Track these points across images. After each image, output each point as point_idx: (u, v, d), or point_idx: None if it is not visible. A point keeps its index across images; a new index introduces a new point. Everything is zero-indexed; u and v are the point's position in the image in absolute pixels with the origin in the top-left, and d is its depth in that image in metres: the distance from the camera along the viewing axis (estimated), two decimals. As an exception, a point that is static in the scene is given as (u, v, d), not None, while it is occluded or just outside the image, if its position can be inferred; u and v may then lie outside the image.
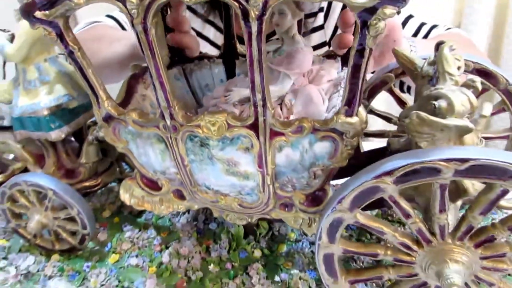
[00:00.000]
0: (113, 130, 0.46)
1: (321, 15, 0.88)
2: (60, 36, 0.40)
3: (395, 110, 0.60)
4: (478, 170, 0.34)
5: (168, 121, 0.42)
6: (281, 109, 0.46)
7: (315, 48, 0.85)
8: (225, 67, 0.60)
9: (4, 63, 0.59)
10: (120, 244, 0.62)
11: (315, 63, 0.55)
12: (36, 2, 0.37)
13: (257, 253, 0.59)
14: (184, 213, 0.66)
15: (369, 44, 0.33)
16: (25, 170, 0.64)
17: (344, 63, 0.55)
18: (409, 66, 0.50)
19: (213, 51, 0.64)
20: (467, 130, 0.39)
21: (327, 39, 0.89)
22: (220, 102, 0.51)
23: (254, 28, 0.34)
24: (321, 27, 0.89)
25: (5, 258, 0.60)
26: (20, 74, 0.55)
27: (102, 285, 0.55)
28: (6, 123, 0.62)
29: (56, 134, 0.55)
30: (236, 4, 0.33)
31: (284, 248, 0.60)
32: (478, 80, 0.46)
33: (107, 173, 0.64)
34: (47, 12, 0.38)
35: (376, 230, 0.40)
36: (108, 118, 0.45)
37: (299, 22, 0.83)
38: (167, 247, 0.60)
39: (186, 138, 0.43)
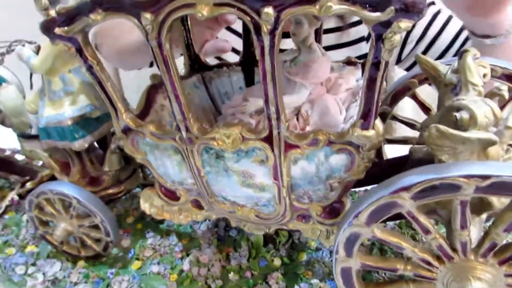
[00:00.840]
0: (131, 142, 0.46)
1: None
2: (80, 51, 0.41)
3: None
4: (501, 186, 0.32)
5: (184, 134, 0.42)
6: (297, 120, 0.46)
7: (354, 42, 0.86)
8: (244, 74, 0.60)
9: (31, 74, 0.61)
10: (142, 250, 0.63)
11: (335, 70, 0.54)
12: (56, 19, 0.38)
13: (277, 262, 0.58)
14: (205, 219, 0.67)
15: (385, 57, 0.32)
16: (53, 177, 0.66)
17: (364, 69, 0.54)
18: (432, 72, 0.48)
19: (235, 58, 0.64)
20: (491, 143, 0.37)
21: (366, 35, 0.88)
22: (237, 112, 0.50)
23: (267, 42, 0.34)
24: (360, 22, 0.88)
25: (33, 265, 0.62)
26: (46, 85, 0.56)
27: (125, 292, 0.56)
28: (33, 131, 0.64)
29: (80, 144, 0.56)
30: (248, 18, 0.33)
31: (304, 257, 0.59)
32: (504, 88, 0.44)
33: (130, 180, 0.65)
34: (66, 28, 0.39)
35: (394, 245, 0.39)
36: (126, 130, 0.46)
37: (340, 16, 0.83)
38: (188, 255, 0.61)
39: (201, 150, 0.43)
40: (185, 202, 0.51)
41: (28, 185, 0.69)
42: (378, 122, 0.37)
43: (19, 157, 0.77)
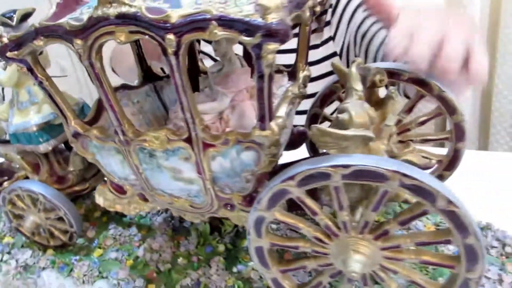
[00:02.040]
0: (81, 144, 0.54)
1: (329, 12, 0.97)
2: (31, 70, 0.49)
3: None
4: (361, 174, 0.40)
5: (121, 137, 0.50)
6: (220, 123, 0.54)
7: (325, 42, 0.98)
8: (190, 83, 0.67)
9: (2, 88, 0.69)
10: (105, 240, 0.71)
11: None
12: (8, 45, 0.47)
13: (221, 248, 0.66)
14: (162, 212, 0.75)
15: (265, 71, 0.40)
16: (27, 177, 0.74)
17: (291, 77, 0.62)
18: (343, 78, 0.56)
19: None
20: (368, 139, 0.45)
21: (332, 34, 0.97)
22: (176, 117, 0.58)
23: (173, 61, 0.42)
24: (328, 23, 0.97)
25: (8, 253, 0.71)
26: (14, 96, 0.65)
27: (85, 275, 0.64)
28: (7, 137, 0.72)
29: (44, 147, 0.64)
30: (155, 42, 0.41)
31: (245, 243, 0.67)
32: (394, 91, 0.52)
33: (95, 178, 0.73)
34: (16, 52, 0.47)
35: (293, 226, 0.47)
36: (76, 135, 0.54)
37: (317, 20, 0.92)
38: (144, 243, 0.69)
39: (137, 150, 0.51)
40: (132, 196, 0.58)
41: (5, 184, 0.77)
42: (273, 124, 0.45)
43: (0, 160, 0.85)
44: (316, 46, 1.00)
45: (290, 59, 0.61)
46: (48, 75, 0.50)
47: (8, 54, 0.47)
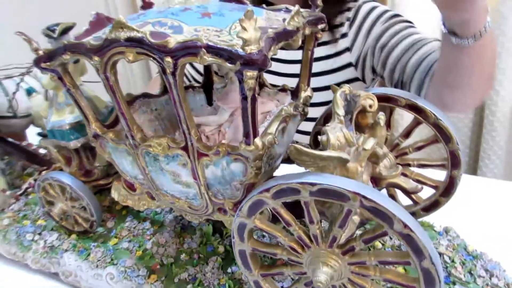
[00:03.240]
0: (100, 144, 0.62)
1: (346, 24, 1.02)
2: (60, 79, 0.57)
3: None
4: (326, 192, 0.44)
5: (131, 141, 0.57)
6: (218, 135, 0.59)
7: (339, 54, 1.01)
8: (205, 95, 0.74)
9: (46, 90, 0.79)
10: (121, 231, 0.78)
11: (270, 95, 0.67)
12: (42, 57, 0.55)
13: (221, 249, 0.72)
14: (174, 211, 0.81)
15: (248, 93, 0.45)
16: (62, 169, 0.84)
17: (294, 96, 0.66)
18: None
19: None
20: (343, 160, 0.49)
21: (349, 45, 1.01)
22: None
23: (171, 80, 0.48)
24: (345, 35, 1.01)
25: (39, 234, 0.80)
26: (53, 97, 0.74)
27: (99, 260, 0.72)
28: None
29: (74, 144, 0.73)
30: (157, 62, 0.47)
31: (243, 247, 0.72)
32: (381, 117, 0.55)
33: (117, 174, 0.81)
34: (48, 63, 0.55)
35: (271, 234, 0.51)
36: (96, 135, 0.61)
37: (331, 31, 0.97)
38: (153, 237, 0.76)
39: (144, 154, 0.57)
40: (141, 193, 0.66)
41: (43, 173, 0.87)
42: (257, 140, 0.50)
43: (42, 151, 0.96)
44: (330, 57, 1.04)
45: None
46: (75, 83, 0.58)
47: (42, 64, 0.56)
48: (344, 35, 1.02)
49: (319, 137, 0.50)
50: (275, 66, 1.07)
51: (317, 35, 0.61)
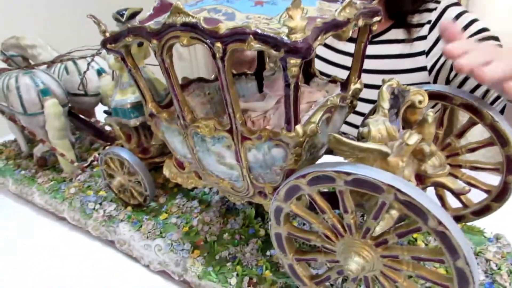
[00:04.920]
0: (155, 123, 0.67)
1: (427, 27, 0.98)
2: (123, 59, 0.62)
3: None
4: (360, 183, 0.44)
5: (182, 121, 0.61)
6: (263, 121, 0.61)
7: (414, 55, 0.98)
8: (257, 82, 0.76)
9: (113, 70, 0.86)
10: (171, 207, 0.83)
11: (319, 86, 0.68)
12: (108, 39, 0.60)
13: (262, 232, 0.74)
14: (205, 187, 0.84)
15: (291, 81, 0.47)
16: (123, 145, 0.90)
17: (343, 88, 0.66)
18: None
19: None
20: (383, 154, 0.48)
21: (426, 49, 0.98)
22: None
23: (220, 65, 0.50)
24: (424, 37, 0.98)
25: (100, 204, 0.87)
26: (118, 78, 0.80)
27: (149, 232, 0.77)
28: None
29: (134, 122, 0.79)
30: (208, 47, 0.50)
31: (284, 233, 0.73)
32: (430, 114, 0.54)
33: (170, 153, 0.86)
34: (113, 45, 0.60)
35: (306, 220, 0.52)
36: (151, 115, 0.66)
37: (408, 30, 0.95)
38: (200, 215, 0.80)
39: (193, 134, 0.61)
40: (189, 172, 0.69)
41: (107, 148, 0.94)
42: (298, 127, 0.51)
43: (108, 128, 1.04)
44: (403, 56, 1.01)
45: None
46: (136, 64, 0.63)
47: (108, 46, 0.61)
48: (422, 38, 0.98)
49: (360, 128, 0.50)
50: (342, 60, 1.07)
51: (372, 28, 0.60)
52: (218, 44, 0.48)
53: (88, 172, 0.98)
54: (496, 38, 0.91)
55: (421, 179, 0.58)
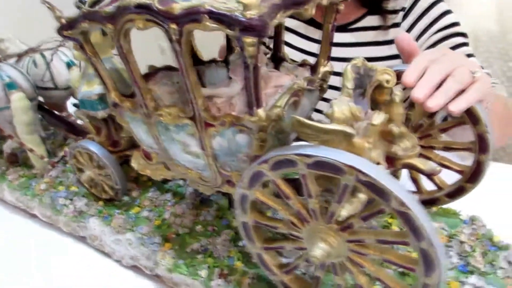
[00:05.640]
0: (119, 113, 0.64)
1: (401, 14, 0.97)
2: (82, 47, 0.59)
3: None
4: (322, 165, 0.43)
5: (144, 109, 0.58)
6: (229, 107, 0.59)
7: (389, 42, 0.97)
8: (226, 69, 0.74)
9: (80, 61, 0.83)
10: (144, 200, 0.81)
11: (289, 70, 0.66)
12: (63, 25, 0.58)
13: (235, 223, 0.72)
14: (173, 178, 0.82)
15: (249, 62, 0.45)
16: (95, 138, 0.87)
17: (313, 71, 0.65)
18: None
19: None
20: (348, 135, 0.47)
21: None
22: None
23: (177, 48, 0.48)
24: (398, 24, 0.97)
25: (71, 199, 0.85)
26: (85, 69, 0.78)
27: (120, 226, 0.75)
28: (80, 103, 0.86)
29: (101, 114, 0.76)
30: (163, 29, 0.48)
31: (257, 223, 0.72)
32: (398, 93, 0.52)
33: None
34: (70, 31, 0.58)
35: (272, 207, 0.51)
36: (115, 104, 0.63)
37: (383, 16, 0.93)
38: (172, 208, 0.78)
39: (156, 123, 0.59)
40: (157, 163, 0.67)
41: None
42: (260, 111, 0.49)
43: (80, 122, 1.01)
44: (378, 43, 0.99)
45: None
46: (96, 52, 0.60)
47: (64, 32, 0.58)
48: (396, 25, 0.97)
49: (324, 110, 0.48)
50: (317, 49, 1.05)
51: (338, 8, 0.59)
52: (173, 26, 0.46)
53: (61, 168, 0.95)
54: (463, 35, 0.91)
55: (392, 162, 0.57)
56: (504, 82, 1.35)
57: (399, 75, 0.59)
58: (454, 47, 0.88)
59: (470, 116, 0.58)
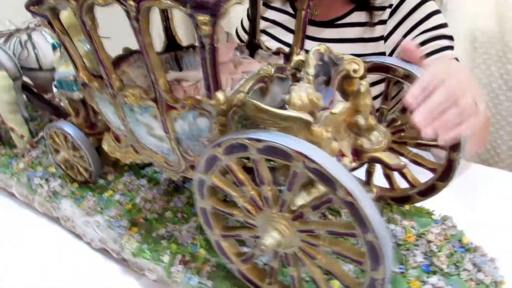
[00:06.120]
0: (88, 93, 0.64)
1: (388, 11, 0.95)
2: (50, 24, 0.59)
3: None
4: (271, 150, 0.41)
5: (110, 89, 0.58)
6: (194, 91, 0.58)
7: (375, 40, 0.96)
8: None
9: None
10: (118, 184, 0.81)
11: (263, 57, 0.65)
12: (31, 1, 0.57)
13: (205, 211, 0.71)
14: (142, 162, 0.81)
15: (204, 41, 0.44)
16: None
17: (286, 59, 0.63)
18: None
19: None
20: (305, 122, 0.45)
21: (385, 34, 0.95)
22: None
23: (135, 25, 0.47)
24: (384, 22, 0.95)
25: (47, 180, 0.85)
26: (63, 50, 0.77)
27: (90, 208, 0.75)
28: (61, 84, 0.85)
29: (77, 94, 0.76)
30: (123, 6, 0.47)
31: (227, 212, 0.71)
32: (363, 83, 0.51)
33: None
34: (37, 7, 0.57)
35: (227, 193, 0.50)
36: (84, 84, 0.63)
37: (370, 13, 0.92)
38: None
39: (122, 104, 0.58)
40: (126, 146, 0.66)
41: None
42: (219, 94, 0.48)
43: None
44: (364, 40, 0.97)
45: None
46: (64, 30, 0.60)
47: (31, 8, 0.57)
48: (383, 22, 0.95)
49: (282, 95, 0.47)
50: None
51: (312, -6, 0.57)
52: (131, 2, 0.45)
53: (42, 148, 0.95)
54: (449, 37, 0.89)
55: (358, 154, 0.55)
56: (501, 85, 1.32)
57: (373, 67, 0.58)
58: (438, 50, 0.87)
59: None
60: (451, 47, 0.89)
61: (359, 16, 0.97)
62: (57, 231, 0.80)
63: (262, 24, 1.16)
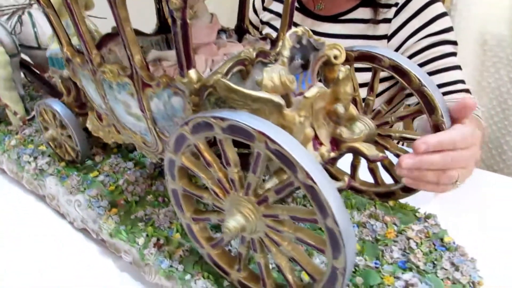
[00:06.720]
0: (72, 69, 0.63)
1: (393, 9, 0.92)
2: (36, -3, 0.58)
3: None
4: (234, 130, 0.40)
5: (90, 65, 0.57)
6: (174, 70, 0.57)
7: (378, 38, 0.94)
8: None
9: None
10: (104, 166, 0.80)
11: (249, 42, 0.63)
12: (16, -28, 0.57)
13: (187, 196, 0.70)
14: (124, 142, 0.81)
15: (176, 15, 0.43)
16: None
17: (272, 45, 0.62)
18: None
19: None
20: (277, 105, 0.44)
21: (389, 33, 0.93)
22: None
23: (111, -1, 0.46)
24: (389, 20, 0.93)
25: (35, 157, 0.85)
26: (55, 27, 0.77)
27: (73, 187, 0.74)
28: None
29: (66, 72, 0.76)
30: (98, -21, 0.46)
31: (208, 198, 0.70)
32: (343, 70, 0.50)
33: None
34: (22, -21, 0.57)
35: (196, 174, 0.48)
36: (68, 60, 0.62)
37: (375, 10, 0.90)
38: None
39: (101, 81, 0.57)
40: (108, 125, 0.66)
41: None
42: (192, 72, 0.47)
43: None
44: (367, 37, 0.95)
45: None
46: (50, 4, 0.59)
47: (16, -20, 0.57)
48: (387, 20, 0.93)
49: (255, 77, 0.46)
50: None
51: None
52: (106, -26, 0.45)
53: (35, 126, 0.96)
54: (453, 43, 0.87)
55: (337, 144, 0.54)
56: (510, 89, 1.28)
57: (358, 56, 0.56)
58: (441, 56, 0.85)
59: (426, 104, 0.54)
60: (454, 54, 0.87)
61: (364, 13, 0.95)
62: (43, 209, 0.80)
63: (267, 16, 1.15)
